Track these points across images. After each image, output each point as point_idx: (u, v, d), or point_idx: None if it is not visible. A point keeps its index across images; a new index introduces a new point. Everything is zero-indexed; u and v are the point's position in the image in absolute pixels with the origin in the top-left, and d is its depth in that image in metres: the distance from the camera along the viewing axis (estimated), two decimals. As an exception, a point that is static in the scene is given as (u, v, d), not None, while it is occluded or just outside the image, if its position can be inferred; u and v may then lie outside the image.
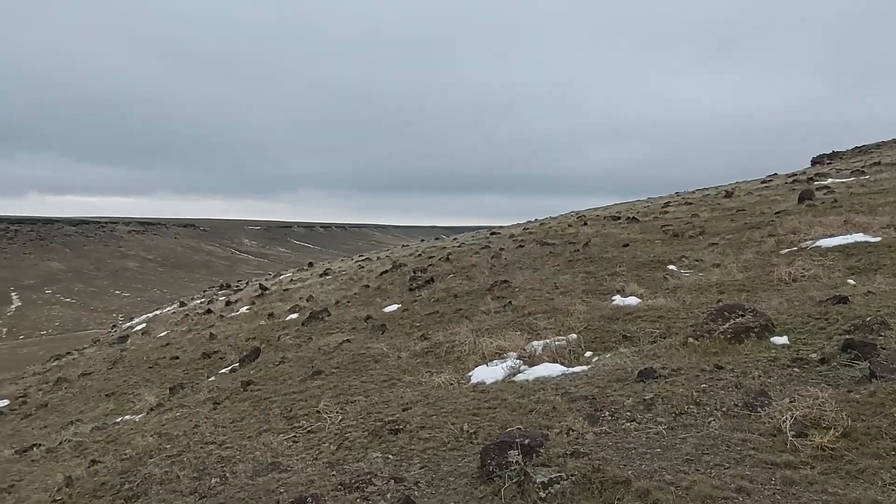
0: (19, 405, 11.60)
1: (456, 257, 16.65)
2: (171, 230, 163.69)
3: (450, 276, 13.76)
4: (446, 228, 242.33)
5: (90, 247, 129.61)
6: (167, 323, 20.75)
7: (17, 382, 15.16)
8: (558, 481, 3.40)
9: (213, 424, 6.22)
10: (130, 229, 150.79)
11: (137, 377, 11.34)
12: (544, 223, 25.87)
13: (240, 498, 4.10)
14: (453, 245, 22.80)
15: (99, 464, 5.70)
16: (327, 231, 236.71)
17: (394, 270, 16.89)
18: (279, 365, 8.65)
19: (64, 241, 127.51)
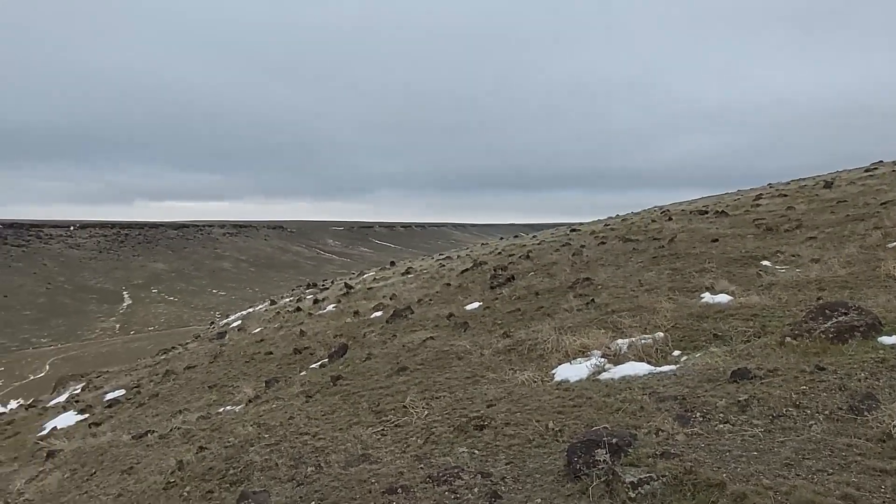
0: (134, 395, 12.67)
1: (536, 255, 16.54)
2: (261, 232, 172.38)
3: (530, 273, 13.69)
4: (525, 226, 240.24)
5: (190, 249, 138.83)
6: (260, 320, 21.91)
7: (131, 374, 16.55)
8: (648, 482, 3.35)
9: (306, 416, 6.54)
10: (225, 232, 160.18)
11: (236, 371, 12.08)
12: (626, 219, 25.16)
13: (334, 486, 4.31)
14: (533, 242, 22.64)
15: (206, 450, 6.15)
16: (407, 230, 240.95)
17: (474, 268, 17.00)
18: (366, 361, 8.96)
19: (167, 244, 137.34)
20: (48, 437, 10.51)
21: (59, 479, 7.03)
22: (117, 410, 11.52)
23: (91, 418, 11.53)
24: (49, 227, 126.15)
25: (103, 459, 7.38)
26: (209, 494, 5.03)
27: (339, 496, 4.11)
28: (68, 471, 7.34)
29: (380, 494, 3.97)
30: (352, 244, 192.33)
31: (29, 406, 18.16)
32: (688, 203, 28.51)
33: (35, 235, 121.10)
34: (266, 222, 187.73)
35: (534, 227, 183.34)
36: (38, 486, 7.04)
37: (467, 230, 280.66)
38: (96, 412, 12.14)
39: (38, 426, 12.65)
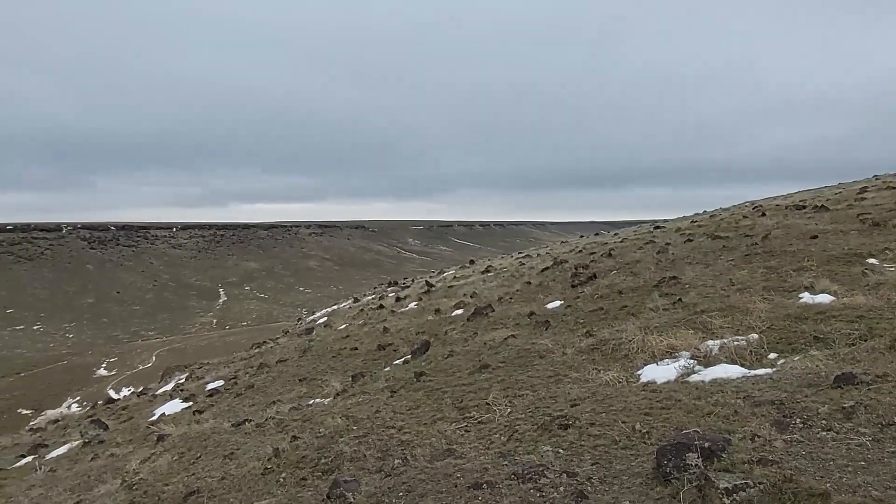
0: (231, 385, 13.50)
1: (618, 253, 16.13)
2: (344, 232, 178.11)
3: (613, 272, 13.38)
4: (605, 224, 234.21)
5: (279, 248, 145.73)
6: (345, 317, 22.70)
7: (229, 366, 17.64)
8: (744, 489, 3.23)
9: (391, 411, 6.75)
10: (311, 232, 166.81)
11: (324, 365, 12.60)
12: (714, 215, 23.99)
13: (421, 479, 4.44)
14: (615, 240, 22.07)
15: (299, 439, 6.48)
16: (486, 229, 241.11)
17: (554, 267, 16.82)
18: (448, 358, 9.09)
19: (258, 244, 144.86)
20: (158, 423, 11.41)
21: (168, 461, 7.62)
22: (217, 400, 12.32)
23: (195, 406, 12.40)
24: (155, 229, 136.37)
25: (207, 444, 7.93)
26: (303, 481, 5.30)
27: (426, 489, 4.23)
28: (177, 454, 7.94)
29: (465, 489, 4.05)
30: (431, 243, 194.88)
31: (140, 393, 19.77)
32: (783, 197, 26.79)
33: (143, 237, 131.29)
34: (349, 222, 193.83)
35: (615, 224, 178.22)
36: (150, 466, 7.66)
37: (546, 228, 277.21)
38: (199, 401, 13.04)
39: (149, 412, 13.75)
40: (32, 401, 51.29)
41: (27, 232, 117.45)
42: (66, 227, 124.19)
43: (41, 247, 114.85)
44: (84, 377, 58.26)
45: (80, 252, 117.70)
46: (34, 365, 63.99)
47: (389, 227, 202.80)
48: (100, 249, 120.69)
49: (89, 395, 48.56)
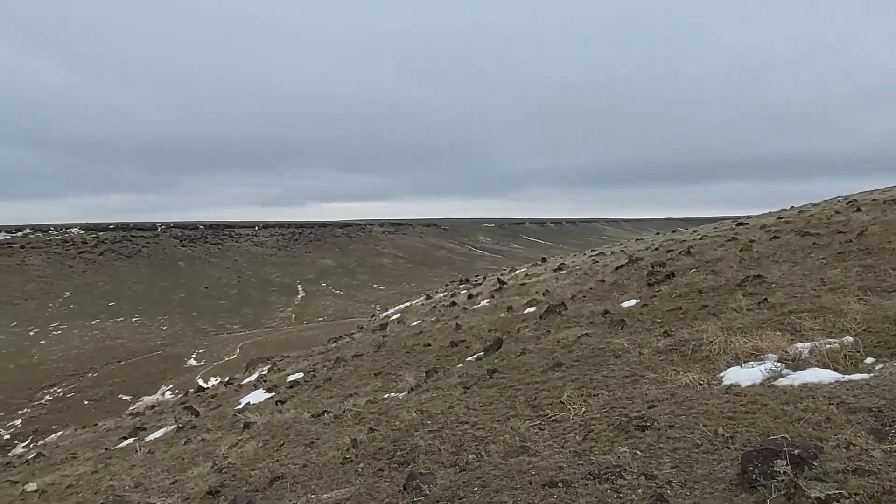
0: (310, 378, 14.04)
1: (698, 250, 15.51)
2: (416, 229, 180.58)
3: (692, 270, 12.89)
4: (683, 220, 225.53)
5: (353, 246, 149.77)
6: (418, 313, 23.05)
7: (308, 359, 18.34)
8: (838, 499, 3.06)
9: (465, 406, 6.83)
10: (384, 230, 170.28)
11: (398, 360, 12.88)
12: (803, 210, 22.55)
13: (495, 475, 4.48)
14: (693, 237, 21.21)
15: (375, 431, 6.69)
16: (558, 227, 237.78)
17: (630, 265, 16.39)
18: (521, 356, 9.08)
19: (334, 242, 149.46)
20: (243, 411, 12.05)
21: (254, 447, 8.05)
22: (297, 391, 12.86)
23: (277, 397, 13.00)
24: (239, 228, 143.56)
25: (289, 433, 8.31)
26: (380, 472, 5.47)
27: (501, 485, 4.26)
28: (261, 441, 8.36)
29: (540, 487, 4.06)
30: (502, 241, 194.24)
31: (227, 383, 20.91)
32: (880, 191, 24.77)
33: (228, 235, 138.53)
34: (421, 220, 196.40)
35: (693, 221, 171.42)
36: (238, 451, 8.11)
37: (620, 226, 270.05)
38: (280, 391, 13.65)
39: (235, 401, 14.53)
40: (131, 387, 55.29)
41: (126, 231, 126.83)
42: (160, 226, 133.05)
43: (139, 245, 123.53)
44: (176, 366, 62.21)
45: (173, 250, 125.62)
46: (133, 354, 68.94)
47: (461, 225, 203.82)
48: (190, 247, 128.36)
49: (181, 384, 51.81)
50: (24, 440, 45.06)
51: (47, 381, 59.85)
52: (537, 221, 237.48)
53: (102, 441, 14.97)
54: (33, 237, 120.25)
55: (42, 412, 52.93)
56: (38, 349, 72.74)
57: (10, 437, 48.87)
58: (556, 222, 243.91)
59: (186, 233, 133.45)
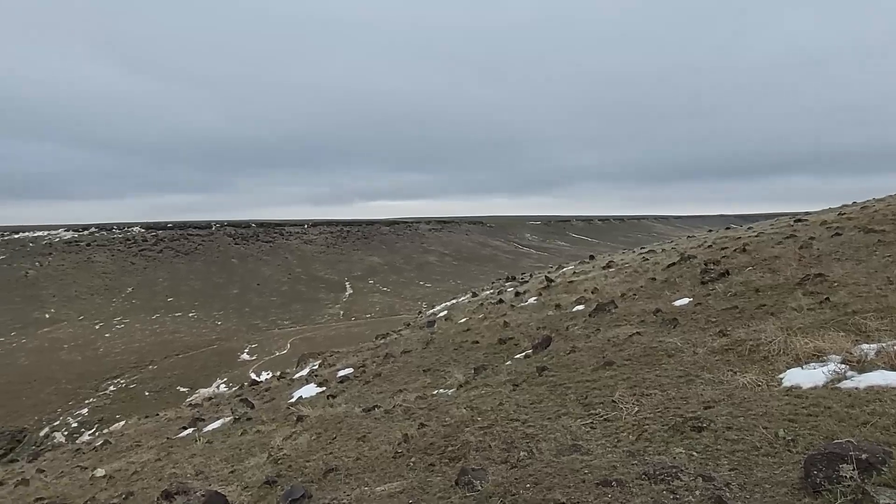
0: (360, 373, 14.29)
1: (754, 248, 14.99)
2: (462, 227, 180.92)
3: (748, 268, 12.49)
4: (737, 217, 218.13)
5: (400, 244, 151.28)
6: (465, 311, 23.10)
7: (357, 355, 18.66)
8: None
9: (515, 404, 6.83)
10: (430, 228, 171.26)
11: (446, 357, 12.97)
12: (866, 206, 21.45)
13: (547, 473, 4.48)
14: (749, 234, 20.50)
15: (426, 427, 6.77)
16: (605, 224, 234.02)
17: (682, 262, 15.98)
18: (570, 354, 9.01)
19: (381, 240, 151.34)
20: (296, 404, 12.37)
21: (308, 439, 8.26)
22: (348, 386, 13.11)
23: (328, 391, 13.29)
24: (289, 226, 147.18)
25: (341, 427, 8.50)
26: (431, 467, 5.54)
27: (553, 482, 4.26)
28: (314, 433, 8.58)
29: (593, 485, 4.04)
30: (548, 238, 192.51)
31: (279, 377, 21.50)
32: (959, 184, 23.30)
33: (279, 233, 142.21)
34: (467, 218, 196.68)
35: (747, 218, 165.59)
36: (292, 443, 8.35)
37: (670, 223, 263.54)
38: (331, 386, 13.94)
39: (288, 394, 14.93)
40: (189, 379, 57.48)
41: (184, 229, 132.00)
42: (215, 224, 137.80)
43: (195, 242, 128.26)
44: (230, 360, 64.33)
45: (227, 247, 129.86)
46: (190, 348, 71.64)
47: (507, 223, 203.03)
48: (243, 245, 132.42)
49: (235, 377, 53.55)
50: (90, 428, 47.50)
51: (111, 372, 62.92)
52: (584, 219, 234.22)
53: (164, 430, 15.63)
54: (98, 235, 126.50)
55: (107, 402, 55.66)
56: (104, 342, 76.51)
57: (77, 425, 51.60)
58: (603, 219, 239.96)
59: (239, 231, 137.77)
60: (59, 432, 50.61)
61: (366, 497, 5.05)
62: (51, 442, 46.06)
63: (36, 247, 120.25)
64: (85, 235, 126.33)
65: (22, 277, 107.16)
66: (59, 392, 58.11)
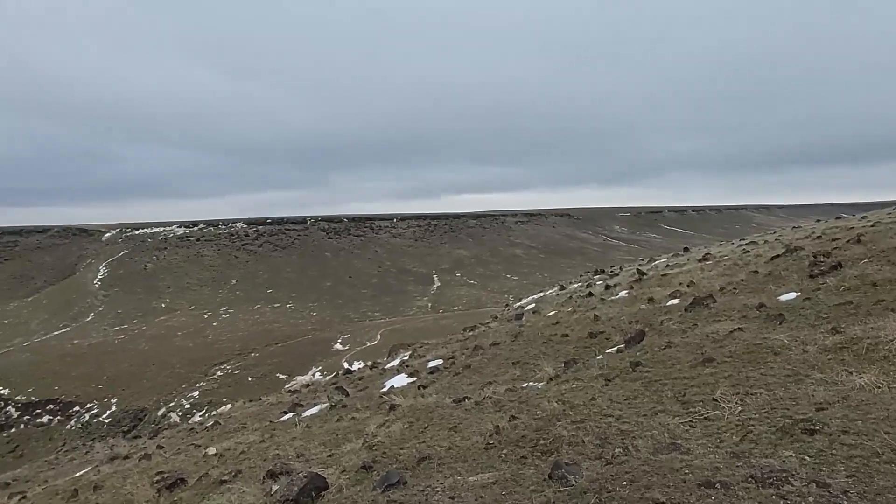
0: (449, 364, 14.51)
1: (870, 239, 13.76)
2: (549, 220, 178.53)
3: (863, 261, 11.49)
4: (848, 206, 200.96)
5: (487, 237, 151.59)
6: (553, 304, 22.83)
7: (446, 347, 18.96)
8: None
9: (608, 399, 6.70)
10: (517, 220, 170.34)
11: (535, 350, 12.90)
12: None
13: (644, 471, 4.37)
14: (864, 224, 18.81)
15: (517, 419, 6.78)
16: (700, 214, 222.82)
17: (787, 255, 14.96)
18: (665, 349, 8.70)
19: (468, 233, 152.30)
20: (388, 393, 12.76)
21: (400, 428, 8.51)
22: (438, 377, 13.36)
23: (418, 381, 13.60)
24: (378, 220, 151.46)
25: (432, 417, 8.68)
26: (523, 459, 5.56)
27: (651, 481, 4.16)
28: (406, 422, 8.82)
29: (695, 486, 3.90)
30: (639, 230, 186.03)
31: (371, 367, 22.25)
32: None
33: (369, 227, 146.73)
34: (554, 210, 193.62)
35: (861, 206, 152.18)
36: (385, 431, 8.63)
37: (771, 212, 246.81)
38: (422, 377, 14.26)
39: (380, 384, 15.43)
40: (287, 367, 60.69)
41: (281, 225, 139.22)
42: (309, 220, 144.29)
43: (292, 237, 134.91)
44: (324, 350, 67.23)
45: (321, 241, 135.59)
46: (288, 337, 75.60)
47: (595, 215, 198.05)
48: (335, 239, 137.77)
49: (329, 366, 55.93)
50: (200, 410, 51.32)
51: (219, 358, 67.61)
52: (677, 210, 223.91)
53: (266, 414, 16.62)
54: (206, 231, 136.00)
55: (215, 386, 59.92)
56: (212, 330, 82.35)
57: (190, 406, 55.94)
58: (698, 210, 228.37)
59: (332, 226, 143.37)
60: (175, 412, 55.13)
61: (459, 486, 5.15)
62: (167, 421, 50.27)
63: (153, 242, 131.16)
64: (195, 231, 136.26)
65: (142, 270, 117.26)
66: (173, 376, 63.27)
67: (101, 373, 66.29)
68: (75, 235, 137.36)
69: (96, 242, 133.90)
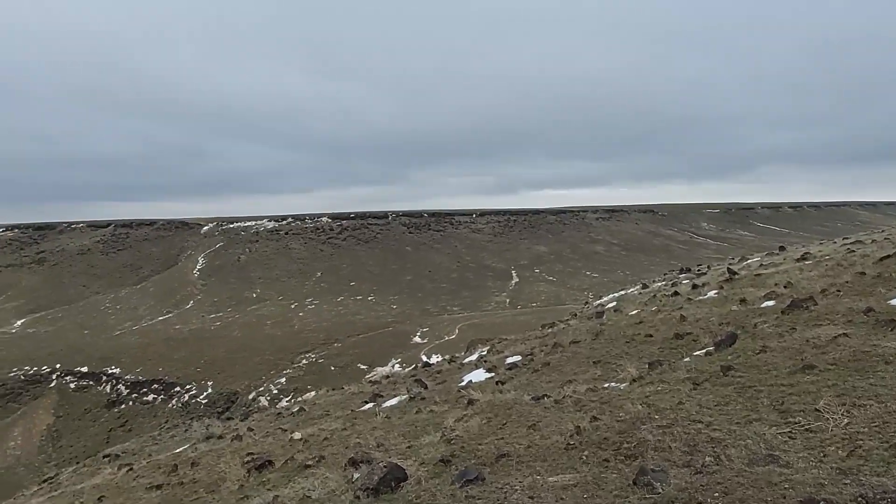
0: (528, 361, 14.36)
1: None
2: (632, 216, 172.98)
3: None
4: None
5: (567, 233, 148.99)
6: (636, 302, 22.08)
7: (524, 343, 18.79)
8: None
9: (696, 404, 6.39)
10: (598, 217, 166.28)
11: (617, 350, 12.52)
12: None
13: (738, 483, 4.13)
14: None
15: (598, 420, 6.61)
16: (797, 211, 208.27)
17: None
18: (760, 354, 8.20)
19: (547, 229, 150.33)
20: (466, 388, 12.80)
21: (478, 423, 8.51)
22: (516, 373, 13.26)
23: (496, 377, 13.56)
24: (458, 216, 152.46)
25: (510, 413, 8.62)
26: (605, 462, 5.40)
27: (746, 494, 3.92)
28: (485, 418, 8.80)
29: (796, 503, 3.64)
30: (728, 227, 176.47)
31: (450, 361, 22.43)
32: None
33: (449, 222, 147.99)
34: (637, 206, 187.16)
35: None
36: (463, 425, 8.66)
37: (878, 210, 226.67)
38: (500, 372, 14.20)
39: (458, 378, 15.51)
40: (367, 358, 62.41)
41: (364, 219, 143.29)
42: (391, 214, 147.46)
43: (374, 231, 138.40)
44: (403, 342, 68.54)
45: (401, 236, 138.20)
46: (369, 329, 77.68)
47: (681, 211, 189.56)
48: (416, 234, 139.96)
49: (407, 358, 56.96)
50: (287, 395, 53.75)
51: (304, 347, 70.55)
52: (771, 206, 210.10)
53: (348, 403, 17.14)
54: (294, 225, 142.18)
55: (300, 373, 62.60)
56: (298, 320, 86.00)
57: (277, 391, 58.74)
58: (795, 206, 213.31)
59: (413, 220, 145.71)
60: (263, 397, 58.12)
61: (538, 486, 5.08)
62: (256, 404, 53.10)
63: (246, 235, 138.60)
64: (283, 225, 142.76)
65: (235, 261, 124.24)
66: (263, 362, 66.67)
67: (199, 357, 70.97)
68: (178, 228, 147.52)
69: (196, 235, 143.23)
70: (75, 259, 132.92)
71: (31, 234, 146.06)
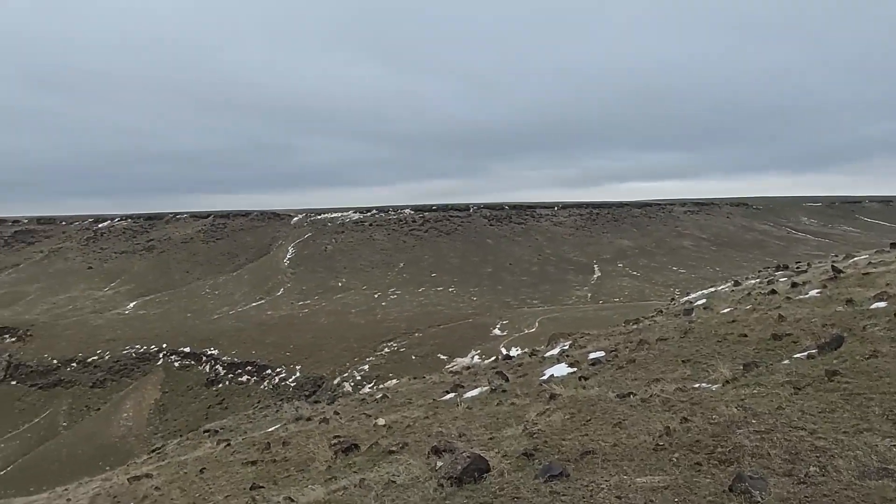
0: (612, 357, 14.02)
1: None
2: (723, 210, 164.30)
3: None
4: None
5: (652, 227, 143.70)
6: (728, 300, 20.99)
7: (608, 339, 18.35)
8: None
9: (798, 410, 6.03)
10: (686, 210, 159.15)
11: (707, 349, 11.98)
12: None
13: (848, 496, 3.87)
14: None
15: (689, 422, 6.37)
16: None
17: None
18: (870, 359, 7.60)
19: (632, 222, 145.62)
20: (548, 382, 12.70)
21: (561, 418, 8.43)
22: (599, 370, 12.99)
23: (579, 372, 13.34)
24: (539, 208, 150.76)
25: (594, 410, 8.47)
26: (697, 466, 5.21)
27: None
28: (567, 413, 8.71)
29: (913, 520, 3.37)
30: (831, 222, 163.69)
31: (531, 354, 22.29)
32: None
33: (530, 215, 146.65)
34: (728, 199, 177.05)
35: None
36: (545, 420, 8.61)
37: None
38: (582, 368, 13.96)
39: (539, 371, 15.39)
40: (447, 348, 63.18)
41: (445, 211, 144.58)
42: (472, 207, 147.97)
43: (455, 223, 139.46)
44: (483, 334, 68.79)
45: (482, 228, 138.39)
46: (449, 320, 78.54)
47: (777, 204, 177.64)
48: (496, 226, 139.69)
49: (487, 350, 57.16)
50: (370, 382, 55.46)
51: (386, 336, 72.42)
52: (881, 199, 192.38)
53: (430, 392, 17.44)
54: (377, 216, 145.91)
55: (382, 361, 64.35)
56: (381, 309, 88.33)
57: (360, 378, 60.73)
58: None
59: (494, 213, 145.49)
60: (347, 382, 60.28)
61: (626, 486, 4.98)
62: (341, 390, 55.14)
63: (333, 226, 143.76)
64: (368, 216, 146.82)
65: (322, 251, 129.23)
66: (348, 349, 69.09)
67: (288, 342, 74.58)
68: (270, 219, 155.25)
69: (286, 226, 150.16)
70: (179, 247, 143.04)
71: (143, 223, 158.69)
